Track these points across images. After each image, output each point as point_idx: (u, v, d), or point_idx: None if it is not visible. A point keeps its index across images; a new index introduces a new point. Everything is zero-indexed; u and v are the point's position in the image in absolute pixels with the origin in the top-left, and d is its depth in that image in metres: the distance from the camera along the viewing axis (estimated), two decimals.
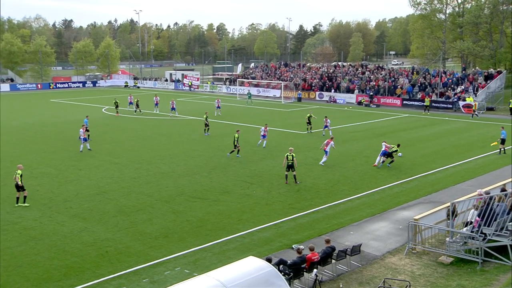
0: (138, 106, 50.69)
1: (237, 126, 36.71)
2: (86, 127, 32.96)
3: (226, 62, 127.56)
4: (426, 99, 53.03)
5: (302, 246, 14.85)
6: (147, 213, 19.99)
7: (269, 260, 12.49)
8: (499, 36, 70.04)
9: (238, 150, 29.90)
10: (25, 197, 20.99)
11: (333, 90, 64.97)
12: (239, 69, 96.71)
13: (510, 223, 14.72)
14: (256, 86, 72.63)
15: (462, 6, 75.25)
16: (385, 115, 49.97)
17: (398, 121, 46.47)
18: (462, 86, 56.20)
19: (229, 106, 56.40)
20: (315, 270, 13.80)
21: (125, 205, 20.95)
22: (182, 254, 16.06)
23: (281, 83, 66.70)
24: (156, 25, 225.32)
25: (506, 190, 16.74)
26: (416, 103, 56.05)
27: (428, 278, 14.32)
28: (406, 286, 13.31)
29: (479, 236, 14.83)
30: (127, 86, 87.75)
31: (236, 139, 29.55)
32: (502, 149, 30.85)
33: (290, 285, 12.92)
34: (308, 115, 38.53)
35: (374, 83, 62.46)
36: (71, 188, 23.47)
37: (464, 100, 52.67)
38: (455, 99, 53.77)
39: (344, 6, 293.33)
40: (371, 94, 59.55)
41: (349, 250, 15.08)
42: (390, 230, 18.27)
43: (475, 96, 53.43)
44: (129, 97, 55.23)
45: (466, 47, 67.56)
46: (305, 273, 13.94)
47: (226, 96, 70.06)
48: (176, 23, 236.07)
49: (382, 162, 27.70)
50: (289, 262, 13.71)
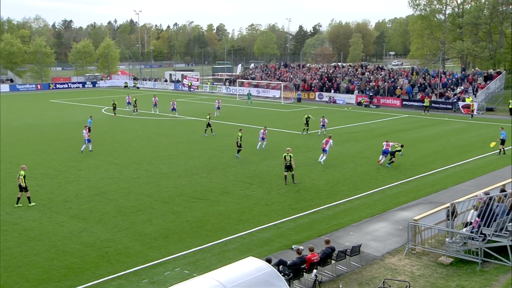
0: (136, 106, 50.77)
1: (236, 126, 36.67)
2: (89, 127, 33.00)
3: (226, 63, 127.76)
4: (425, 100, 53.05)
5: (301, 247, 14.85)
6: (147, 213, 19.99)
7: (268, 260, 12.49)
8: (499, 36, 70.09)
9: (238, 150, 29.91)
10: (28, 197, 20.99)
11: (332, 91, 64.99)
12: (239, 69, 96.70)
13: (510, 224, 14.73)
14: (255, 86, 72.64)
15: (461, 6, 75.32)
16: (384, 116, 49.98)
17: (398, 121, 46.49)
18: (462, 87, 56.22)
19: (228, 106, 56.40)
20: (315, 270, 13.80)
21: (124, 205, 20.96)
22: (181, 255, 16.06)
23: (280, 84, 66.74)
24: (155, 25, 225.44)
25: (505, 191, 16.74)
26: (415, 104, 56.06)
27: (427, 278, 14.32)
28: (406, 287, 13.32)
29: (479, 236, 14.84)
30: (127, 86, 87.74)
31: (239, 138, 29.58)
32: (502, 149, 30.88)
33: (289, 285, 12.92)
34: (306, 116, 38.50)
35: (374, 84, 62.48)
36: (71, 188, 23.47)
37: (463, 100, 52.71)
38: (455, 100, 53.81)
39: (343, 6, 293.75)
40: (371, 94, 59.57)
41: (348, 250, 15.09)
42: (390, 231, 18.28)
43: (475, 96, 53.48)
44: (127, 97, 55.26)
45: (465, 48, 67.64)
46: (304, 273, 13.95)
47: (225, 96, 70.06)
48: (175, 24, 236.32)
49: (383, 160, 27.80)
50: (288, 262, 13.72)
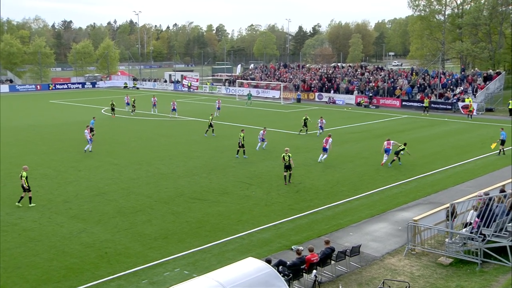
0: (134, 106, 50.76)
1: (236, 127, 36.70)
2: (91, 128, 33.01)
3: (226, 63, 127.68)
4: (425, 100, 53.03)
5: (301, 247, 14.84)
6: (147, 214, 19.99)
7: (268, 261, 12.50)
8: (498, 37, 70.17)
9: (238, 151, 29.91)
10: (30, 198, 20.99)
11: (332, 91, 65.00)
12: (239, 70, 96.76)
13: (509, 224, 14.73)
14: (255, 87, 72.64)
15: (461, 7, 75.38)
16: (384, 116, 49.99)
17: (397, 122, 46.50)
18: (461, 87, 56.26)
19: (228, 107, 56.39)
20: (315, 271, 13.81)
21: (124, 206, 20.95)
22: (181, 255, 16.06)
23: (280, 84, 66.74)
24: (155, 26, 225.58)
25: (505, 191, 16.75)
26: (415, 104, 56.07)
27: (427, 279, 14.32)
28: (405, 287, 13.32)
29: (479, 237, 14.84)
30: (127, 87, 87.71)
31: (241, 138, 29.53)
32: (502, 150, 30.91)
33: (289, 286, 12.92)
34: (304, 118, 38.45)
35: (373, 84, 62.49)
36: (71, 189, 23.47)
37: (463, 101, 52.73)
38: (454, 100, 53.84)
39: (343, 7, 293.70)
40: (371, 95, 59.58)
41: (348, 251, 15.08)
42: (390, 231, 18.28)
43: (474, 97, 53.50)
44: (125, 97, 55.28)
45: (465, 48, 67.69)
46: (304, 274, 13.95)
47: (225, 97, 70.03)
48: (175, 24, 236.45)
49: (385, 160, 27.89)
50: (288, 263, 13.72)
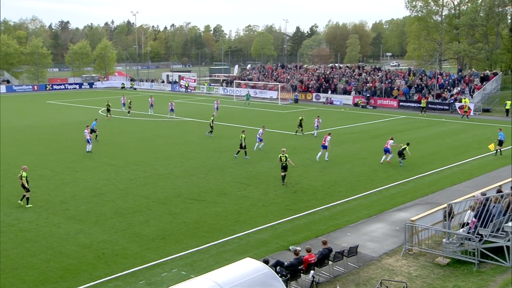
0: (130, 107, 50.69)
1: (233, 127, 36.69)
2: (91, 129, 33.02)
3: (223, 64, 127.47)
4: (422, 101, 53.13)
5: (299, 248, 14.84)
6: (144, 214, 19.97)
7: (266, 261, 12.51)
8: (495, 38, 70.35)
9: (238, 152, 29.88)
10: (27, 198, 20.94)
11: (330, 92, 65.06)
12: (236, 70, 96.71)
13: (506, 224, 14.77)
14: (253, 87, 72.66)
15: (458, 8, 75.57)
16: (381, 117, 50.06)
17: (395, 122, 46.57)
18: (458, 88, 56.39)
19: (226, 107, 56.37)
20: (312, 271, 13.82)
21: (121, 206, 20.92)
22: (179, 256, 16.04)
23: (278, 85, 66.78)
24: (152, 26, 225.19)
25: (502, 191, 16.79)
26: (412, 105, 56.16)
27: (424, 279, 14.35)
28: (403, 287, 13.34)
29: (476, 237, 14.87)
30: (124, 87, 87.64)
31: (243, 139, 29.46)
32: (499, 150, 30.99)
33: (287, 286, 12.93)
34: (300, 118, 38.46)
35: (371, 85, 62.58)
36: (68, 190, 23.42)
37: (460, 101, 52.85)
38: (451, 101, 53.96)
39: (340, 7, 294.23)
40: (368, 95, 59.67)
41: (346, 251, 15.10)
42: (387, 232, 18.30)
43: (471, 97, 53.61)
44: (122, 98, 55.19)
45: (462, 49, 67.87)
46: (302, 274, 13.96)
47: (223, 97, 70.00)
48: (172, 25, 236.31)
49: (383, 159, 27.94)
50: (286, 263, 13.72)
